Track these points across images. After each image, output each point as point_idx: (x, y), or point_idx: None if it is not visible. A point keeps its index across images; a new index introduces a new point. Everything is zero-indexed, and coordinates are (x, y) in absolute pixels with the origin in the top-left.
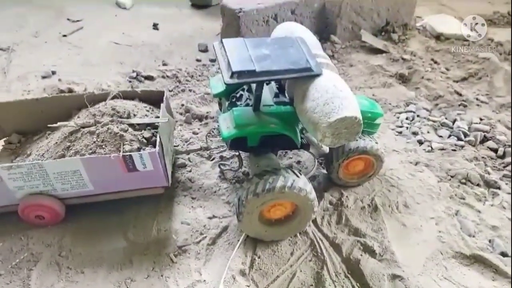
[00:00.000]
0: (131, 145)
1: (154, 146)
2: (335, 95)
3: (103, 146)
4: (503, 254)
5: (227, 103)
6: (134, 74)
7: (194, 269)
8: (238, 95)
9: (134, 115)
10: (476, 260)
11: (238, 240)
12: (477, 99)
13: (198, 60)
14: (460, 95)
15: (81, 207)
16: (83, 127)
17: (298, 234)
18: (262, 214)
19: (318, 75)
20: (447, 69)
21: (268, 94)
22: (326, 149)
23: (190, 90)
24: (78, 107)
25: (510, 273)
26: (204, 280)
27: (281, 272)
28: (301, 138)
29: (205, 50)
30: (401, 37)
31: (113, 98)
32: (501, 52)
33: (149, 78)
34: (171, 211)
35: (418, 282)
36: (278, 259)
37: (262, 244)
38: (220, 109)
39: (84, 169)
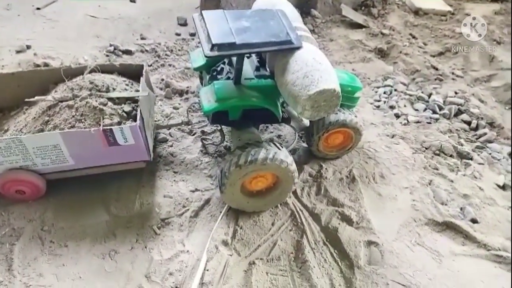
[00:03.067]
0: (111, 119)
1: (135, 120)
2: (314, 68)
3: (82, 120)
4: (473, 221)
5: (207, 77)
6: (112, 48)
7: (178, 241)
8: (218, 68)
9: (113, 89)
10: (447, 227)
11: (221, 212)
12: (452, 73)
13: (177, 34)
14: (437, 69)
15: (62, 182)
16: (61, 101)
17: (279, 205)
18: (244, 185)
19: (298, 48)
20: (425, 44)
21: (249, 67)
22: (306, 122)
23: (169, 65)
24: (55, 81)
25: (479, 238)
26: (188, 251)
27: (262, 242)
28: (282, 112)
29: (184, 24)
30: (380, 12)
31: (90, 72)
32: None
33: (127, 52)
34: (154, 185)
35: (392, 248)
36: (260, 229)
37: (244, 215)
38: (201, 83)
39: (63, 143)
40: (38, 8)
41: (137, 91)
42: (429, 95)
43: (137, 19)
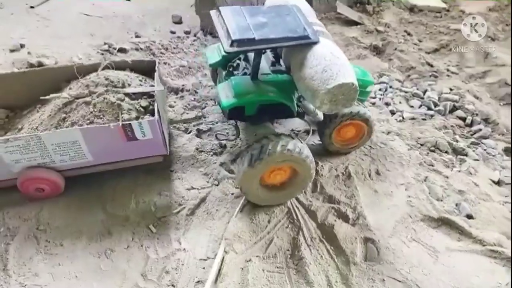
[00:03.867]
0: (129, 114)
1: (152, 115)
2: (332, 62)
3: (101, 116)
4: (469, 216)
5: (224, 73)
6: (106, 47)
7: (174, 239)
8: (235, 64)
9: (129, 84)
10: (443, 223)
11: (217, 210)
12: (447, 69)
13: (172, 32)
14: (432, 66)
15: None
16: (77, 98)
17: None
18: (263, 179)
19: (315, 43)
20: (420, 41)
21: (264, 63)
22: (320, 116)
23: (165, 63)
24: (67, 79)
25: (474, 234)
26: (184, 249)
27: (258, 239)
28: (297, 106)
29: (179, 22)
30: (375, 9)
31: (104, 68)
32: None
33: (122, 50)
34: (149, 184)
35: (389, 244)
36: (256, 227)
37: (240, 214)
38: (215, 80)
39: (83, 139)
40: (31, 7)
41: (152, 86)
42: (424, 92)
43: (131, 17)
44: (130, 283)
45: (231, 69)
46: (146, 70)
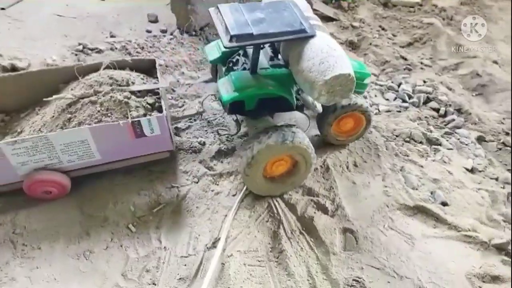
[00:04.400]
0: (137, 112)
1: (159, 112)
2: (329, 54)
3: (109, 114)
4: (443, 204)
5: (224, 69)
6: (81, 47)
7: (154, 238)
8: (234, 60)
9: (132, 83)
10: (419, 211)
11: (197, 207)
12: (421, 62)
13: (148, 31)
14: (406, 59)
15: None
16: (82, 98)
17: (255, 199)
18: (266, 170)
19: (312, 36)
20: (394, 35)
21: (263, 58)
22: (319, 109)
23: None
24: (65, 80)
25: (449, 220)
26: (165, 247)
27: (239, 234)
28: (296, 99)
29: (155, 20)
30: (350, 5)
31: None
32: (444, 18)
33: (97, 51)
34: (128, 184)
35: (367, 233)
36: (237, 222)
37: (220, 209)
38: (215, 77)
39: (92, 138)
40: (2, 8)
41: (155, 83)
42: (399, 85)
43: (106, 17)
44: (110, 283)
45: (230, 65)
46: (145, 68)
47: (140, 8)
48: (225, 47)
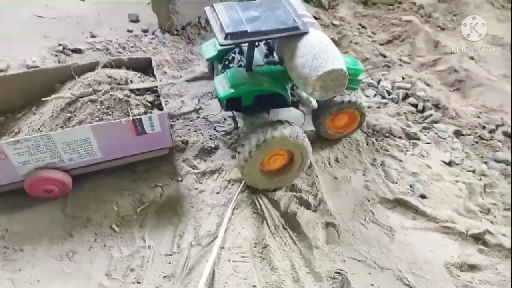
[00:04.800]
0: (137, 110)
1: (158, 109)
2: (322, 50)
3: (109, 112)
4: (422, 196)
5: (220, 66)
6: (61, 48)
7: (138, 237)
8: (230, 57)
9: (131, 81)
10: (398, 204)
11: (181, 206)
12: (400, 59)
13: (129, 31)
14: (385, 56)
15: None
16: (81, 97)
17: (239, 195)
18: (263, 164)
19: (305, 33)
20: (374, 33)
21: (258, 55)
22: (314, 104)
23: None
24: (60, 80)
25: (428, 212)
26: (149, 246)
27: (223, 231)
28: (291, 96)
29: (136, 20)
30: (331, 3)
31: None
32: (422, 15)
33: (77, 51)
34: (110, 184)
35: (348, 227)
36: (220, 219)
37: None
38: (212, 74)
39: (93, 136)
40: None
41: (154, 81)
42: (378, 81)
43: (86, 17)
44: (94, 283)
45: (226, 63)
46: (140, 67)
47: (121, 7)
48: (220, 45)
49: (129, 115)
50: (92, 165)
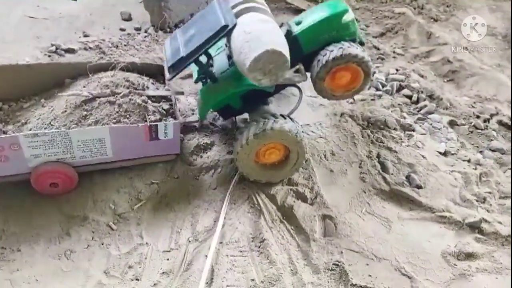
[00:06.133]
0: (154, 116)
1: (172, 117)
2: (244, 40)
3: (127, 116)
4: (418, 187)
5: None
6: (54, 48)
7: (136, 234)
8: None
9: (147, 87)
10: (394, 194)
11: (178, 202)
12: (393, 51)
13: (122, 30)
14: (378, 49)
15: (10, 186)
16: (99, 97)
17: (234, 191)
18: (258, 157)
19: (233, 28)
20: (367, 26)
21: (223, 60)
22: (304, 77)
23: (115, 61)
24: (72, 76)
25: (424, 202)
26: (147, 243)
27: (220, 226)
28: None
29: (128, 18)
30: None
31: (112, 68)
32: (415, 7)
33: (70, 51)
34: (107, 182)
35: (345, 219)
36: (217, 214)
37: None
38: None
39: (109, 137)
40: None
41: (168, 90)
42: (372, 74)
43: (79, 17)
44: (93, 281)
45: (203, 80)
46: (150, 73)
47: (113, 6)
48: (168, 80)
49: (146, 120)
50: (100, 163)
